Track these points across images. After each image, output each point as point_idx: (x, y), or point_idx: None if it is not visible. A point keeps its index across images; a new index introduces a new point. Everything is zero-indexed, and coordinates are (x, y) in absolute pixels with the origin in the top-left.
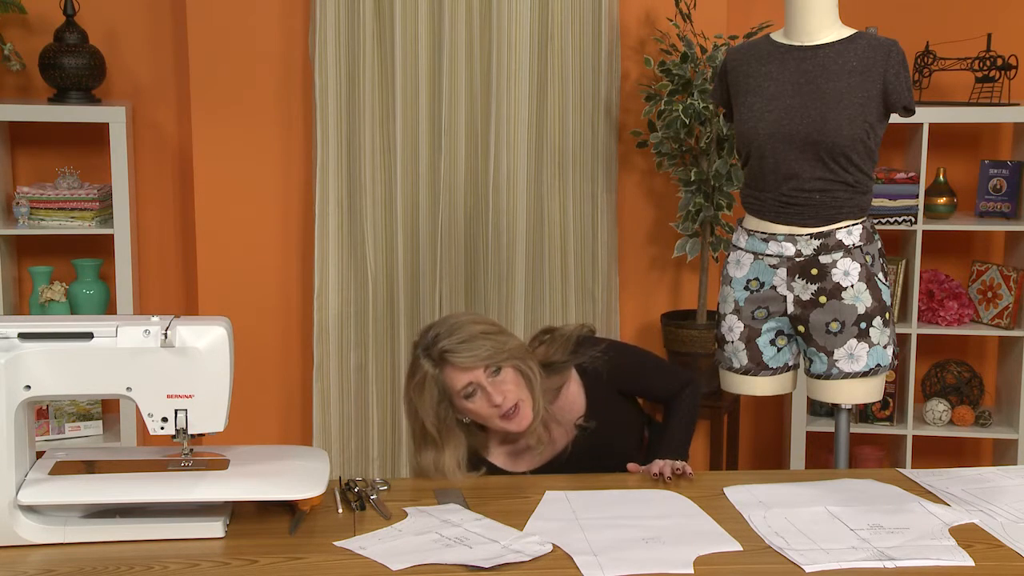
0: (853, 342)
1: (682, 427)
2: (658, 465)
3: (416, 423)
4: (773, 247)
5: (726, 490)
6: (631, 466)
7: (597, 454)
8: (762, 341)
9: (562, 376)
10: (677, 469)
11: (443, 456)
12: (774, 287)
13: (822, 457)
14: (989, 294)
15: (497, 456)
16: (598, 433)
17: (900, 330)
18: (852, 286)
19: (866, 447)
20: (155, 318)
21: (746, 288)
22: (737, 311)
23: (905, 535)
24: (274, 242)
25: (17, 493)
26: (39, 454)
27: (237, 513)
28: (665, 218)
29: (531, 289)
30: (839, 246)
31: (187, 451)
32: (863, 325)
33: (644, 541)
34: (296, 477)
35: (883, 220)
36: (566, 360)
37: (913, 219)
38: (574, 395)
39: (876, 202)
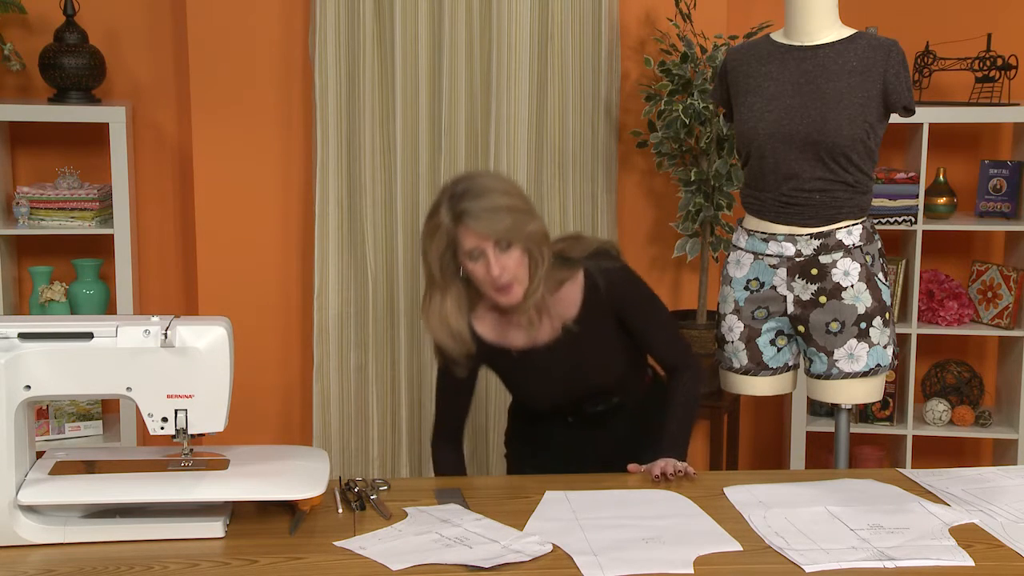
0: (853, 342)
1: (682, 423)
2: (659, 466)
3: (425, 266)
4: (773, 247)
5: (726, 490)
6: (632, 467)
7: (573, 362)
8: (762, 341)
9: (569, 272)
10: (679, 471)
11: (446, 300)
12: (774, 287)
13: (822, 457)
14: (989, 294)
15: (483, 321)
16: (580, 341)
17: (900, 330)
18: (852, 286)
19: (866, 447)
20: (155, 318)
21: (746, 288)
22: (737, 311)
23: (905, 535)
24: (274, 242)
25: (17, 493)
26: (39, 454)
27: (237, 513)
28: (665, 218)
29: None
30: (839, 246)
31: (187, 451)
32: (863, 325)
33: (644, 541)
34: (296, 477)
35: (883, 220)
36: (578, 260)
37: (913, 219)
38: (573, 295)
39: (876, 202)
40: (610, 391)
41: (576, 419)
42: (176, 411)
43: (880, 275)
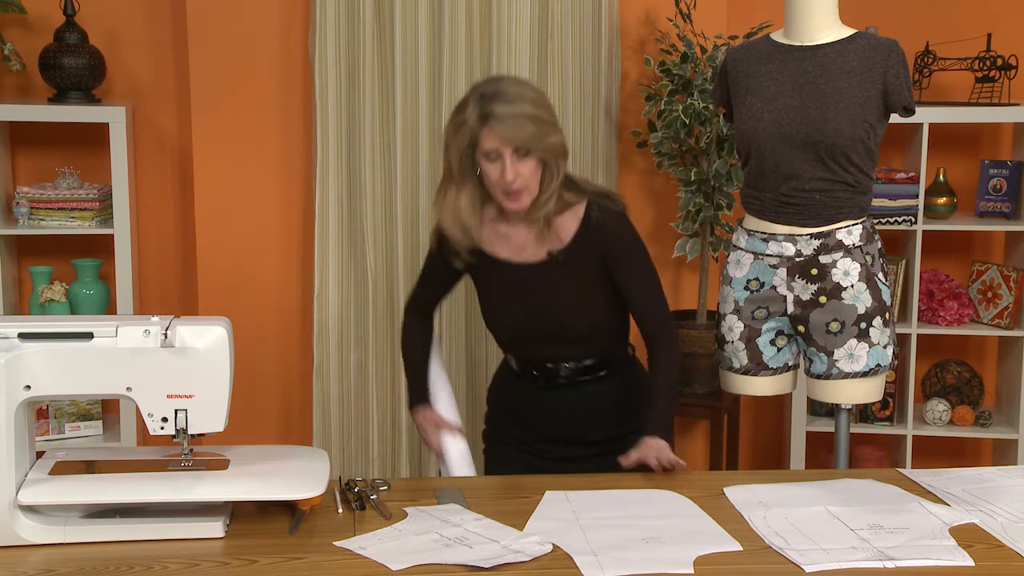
0: (853, 342)
1: (667, 399)
2: (653, 455)
3: (445, 160)
4: (773, 247)
5: (726, 490)
6: (622, 459)
7: (548, 291)
8: (762, 341)
9: (573, 199)
10: (669, 463)
11: (461, 195)
12: (774, 287)
13: (822, 457)
14: (989, 294)
15: (485, 225)
16: (561, 272)
17: (900, 330)
18: (852, 286)
19: (866, 447)
20: (155, 318)
21: (746, 288)
22: (737, 311)
23: (905, 535)
24: (274, 242)
25: (17, 493)
26: (39, 454)
27: (237, 513)
28: (665, 218)
29: None
30: (839, 246)
31: (187, 451)
32: (863, 325)
33: (644, 541)
34: (296, 477)
35: (883, 220)
36: (585, 191)
37: (913, 219)
38: (569, 225)
39: (876, 202)
40: (580, 340)
41: (543, 378)
42: (176, 411)
43: (880, 275)
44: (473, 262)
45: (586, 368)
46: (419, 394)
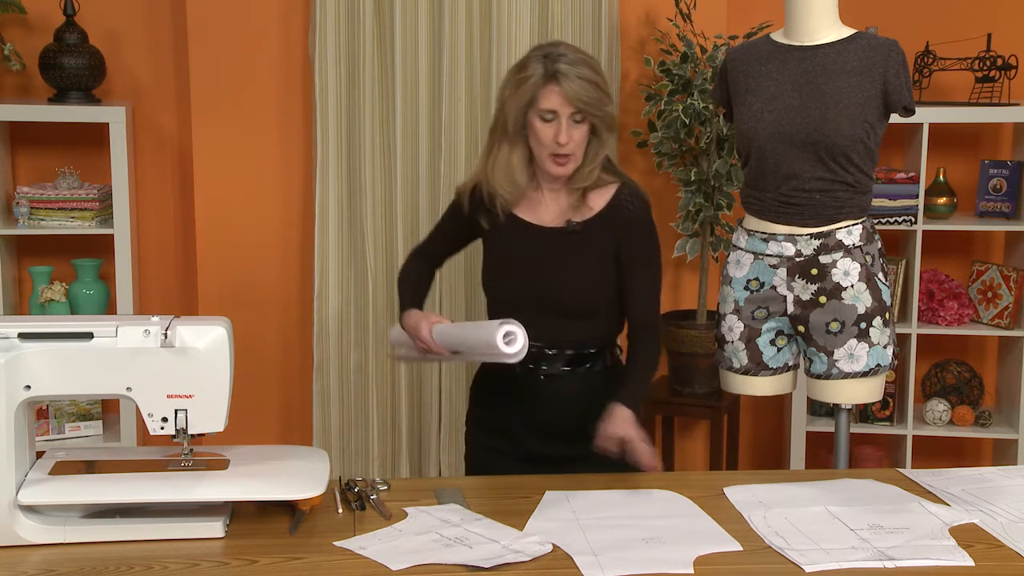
0: (853, 342)
1: (641, 381)
2: (623, 430)
3: (501, 116)
4: (773, 247)
5: (726, 490)
6: (600, 440)
7: (556, 258)
8: (762, 341)
9: (607, 179)
10: (634, 455)
11: (514, 153)
12: (774, 287)
13: (822, 457)
14: (989, 294)
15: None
16: (573, 243)
17: (900, 330)
18: (852, 286)
19: (866, 447)
20: (155, 318)
21: (746, 288)
22: (737, 311)
23: (905, 535)
24: (274, 242)
25: (17, 493)
26: (39, 454)
27: (237, 513)
28: (665, 218)
29: None
30: (839, 246)
31: (187, 451)
32: (863, 325)
33: (644, 541)
34: (296, 477)
35: (883, 220)
36: (617, 174)
37: (913, 219)
38: (596, 201)
39: (876, 202)
40: (572, 318)
41: (530, 361)
42: (176, 411)
43: (880, 275)
44: (499, 221)
45: (570, 358)
46: (410, 303)
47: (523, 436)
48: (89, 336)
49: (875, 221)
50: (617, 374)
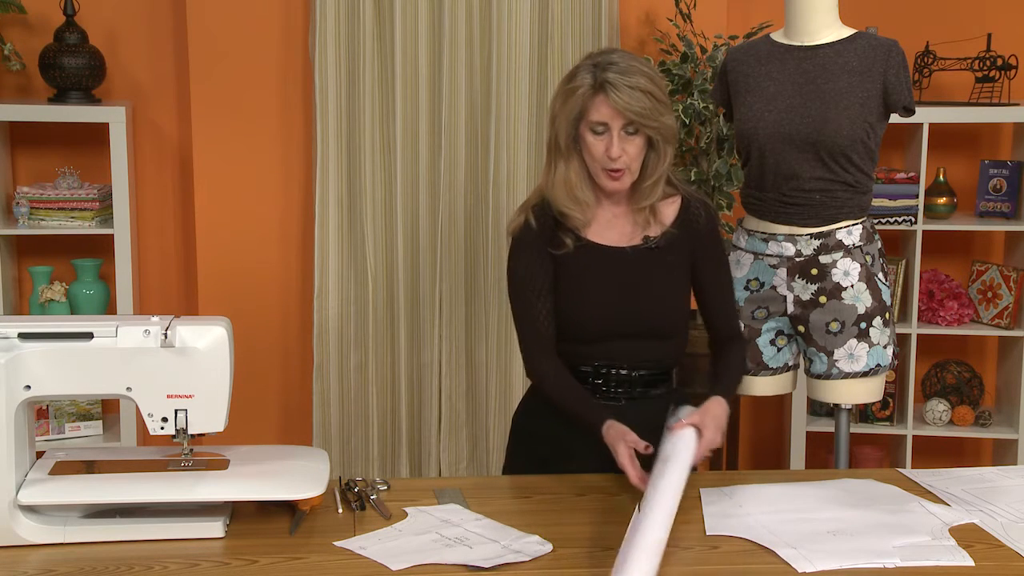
0: (853, 342)
1: (733, 382)
2: (711, 433)
3: (553, 131)
4: (773, 247)
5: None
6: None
7: (637, 279)
8: (762, 341)
9: (670, 191)
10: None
11: (570, 169)
12: (774, 287)
13: (822, 457)
14: (989, 294)
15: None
16: (653, 261)
17: (900, 330)
18: (852, 286)
19: (866, 447)
20: (155, 318)
21: (746, 288)
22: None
23: (905, 535)
24: (274, 242)
25: (17, 493)
26: (39, 454)
27: (237, 513)
28: None
29: None
30: (839, 246)
31: (187, 451)
32: (863, 325)
33: (831, 534)
34: (296, 477)
35: (883, 220)
36: (679, 184)
37: (913, 219)
38: (666, 214)
39: (876, 202)
40: (657, 338)
41: (604, 385)
42: (176, 411)
43: (880, 275)
44: (570, 248)
45: (646, 379)
46: (599, 413)
47: (583, 456)
48: (89, 336)
49: (875, 221)
50: (679, 397)
